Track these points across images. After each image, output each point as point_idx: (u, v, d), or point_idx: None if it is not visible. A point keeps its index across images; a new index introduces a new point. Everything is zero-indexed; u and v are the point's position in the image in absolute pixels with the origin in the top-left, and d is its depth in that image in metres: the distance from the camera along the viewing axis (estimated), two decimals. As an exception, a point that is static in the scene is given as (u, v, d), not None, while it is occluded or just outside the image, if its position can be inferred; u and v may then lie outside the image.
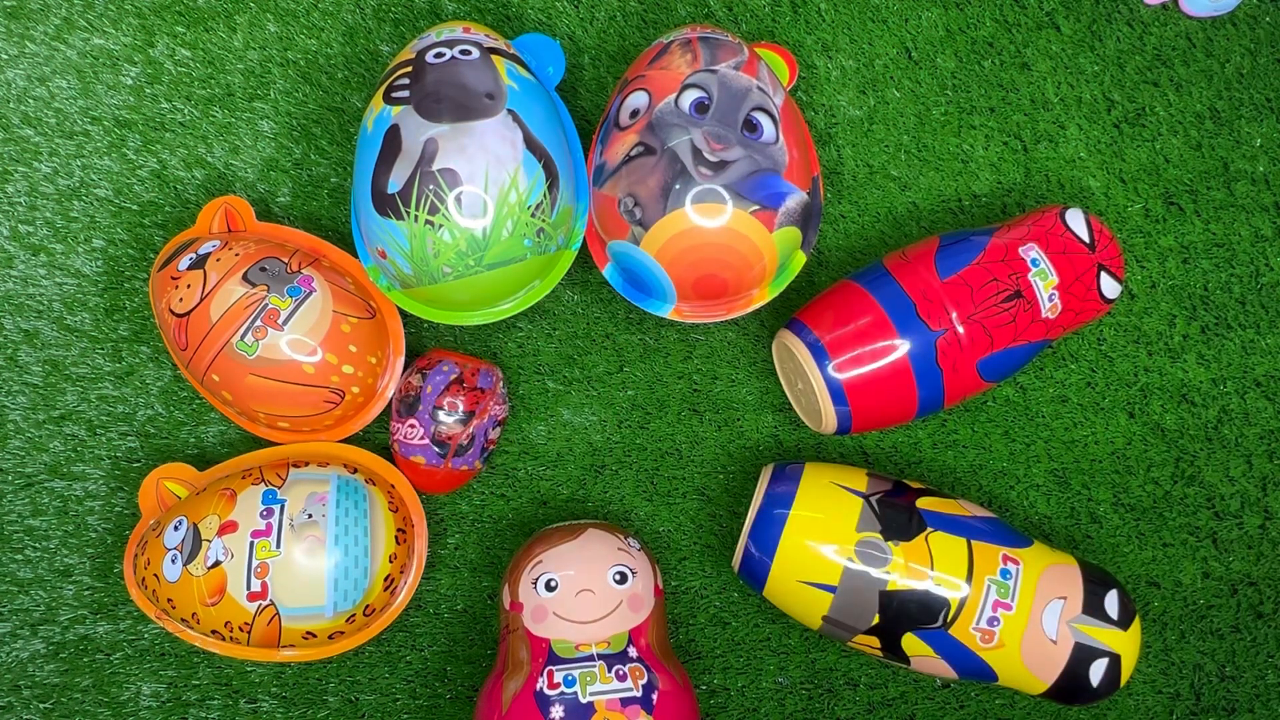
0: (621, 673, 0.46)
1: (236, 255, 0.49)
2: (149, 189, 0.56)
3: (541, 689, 0.45)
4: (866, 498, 0.48)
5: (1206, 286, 0.58)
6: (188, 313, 0.47)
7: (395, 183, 0.45)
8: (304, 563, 0.46)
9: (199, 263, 0.48)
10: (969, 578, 0.46)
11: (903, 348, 0.48)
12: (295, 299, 0.48)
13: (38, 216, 0.55)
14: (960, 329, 0.48)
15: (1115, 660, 0.47)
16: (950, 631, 0.46)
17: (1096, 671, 0.47)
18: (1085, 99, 0.58)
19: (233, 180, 0.56)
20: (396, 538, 0.50)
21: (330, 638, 0.49)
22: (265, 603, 0.46)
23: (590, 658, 0.46)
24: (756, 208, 0.46)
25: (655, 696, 0.45)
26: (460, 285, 0.47)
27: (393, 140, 0.45)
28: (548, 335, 0.56)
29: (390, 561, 0.49)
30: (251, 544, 0.46)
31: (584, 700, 0.45)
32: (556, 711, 0.44)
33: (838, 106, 0.58)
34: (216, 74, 0.56)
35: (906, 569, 0.46)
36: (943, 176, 0.58)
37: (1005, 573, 0.47)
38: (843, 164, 0.58)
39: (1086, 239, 0.50)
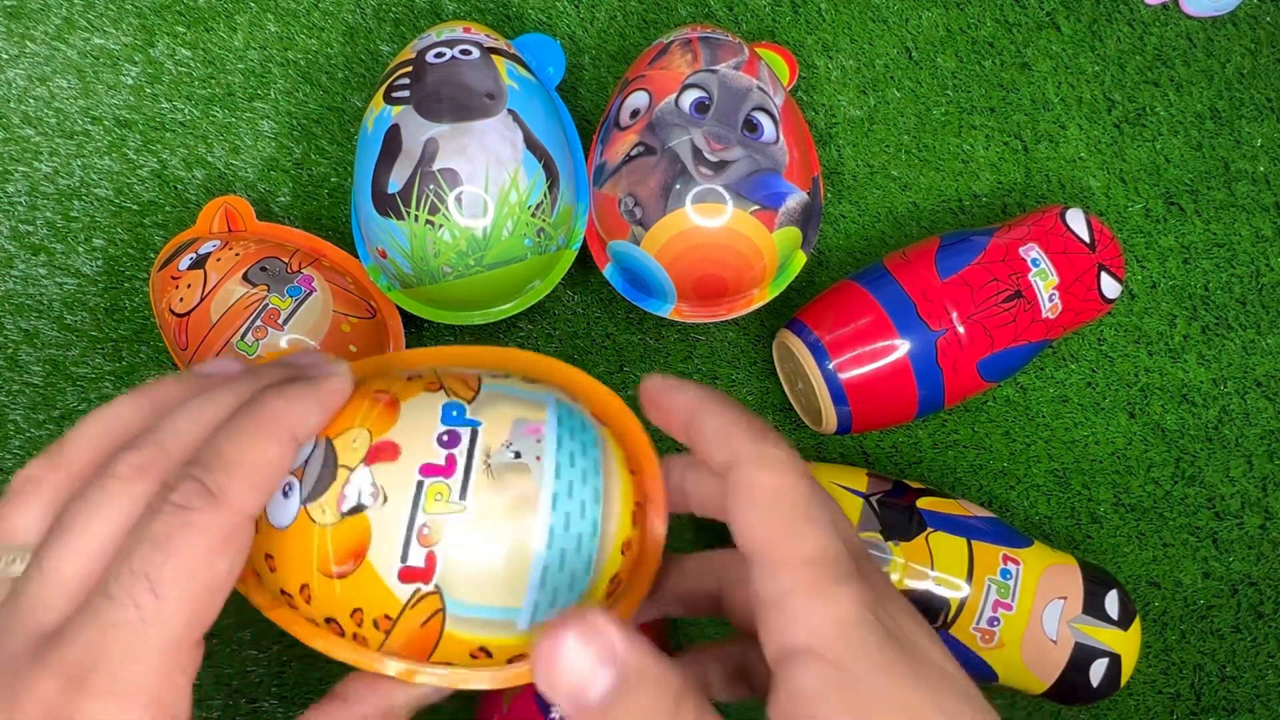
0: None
1: (236, 255, 0.49)
2: (149, 189, 0.56)
3: (542, 689, 0.45)
4: (867, 498, 0.48)
5: (1207, 286, 0.58)
6: (188, 313, 0.47)
7: (395, 183, 0.45)
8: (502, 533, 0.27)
9: (199, 263, 0.48)
10: (969, 578, 0.46)
11: (903, 348, 0.48)
12: (295, 299, 0.48)
13: (38, 216, 0.55)
14: (960, 329, 0.48)
15: (1115, 660, 0.47)
16: (950, 631, 0.46)
17: (1096, 671, 0.47)
18: (1085, 99, 0.58)
19: (233, 180, 0.56)
20: (633, 515, 0.29)
21: (510, 661, 0.28)
22: (428, 588, 0.26)
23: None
24: (757, 208, 0.46)
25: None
26: (460, 285, 0.47)
27: (393, 140, 0.45)
28: (548, 335, 0.56)
29: (623, 553, 0.28)
30: (420, 486, 0.26)
31: (584, 700, 0.44)
32: (557, 711, 0.44)
33: (838, 106, 0.58)
34: (216, 74, 0.56)
35: (907, 569, 0.46)
36: (943, 176, 0.58)
37: (1005, 573, 0.47)
38: (843, 164, 0.58)
39: (1087, 239, 0.50)
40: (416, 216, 0.45)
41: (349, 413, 0.27)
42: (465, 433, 0.27)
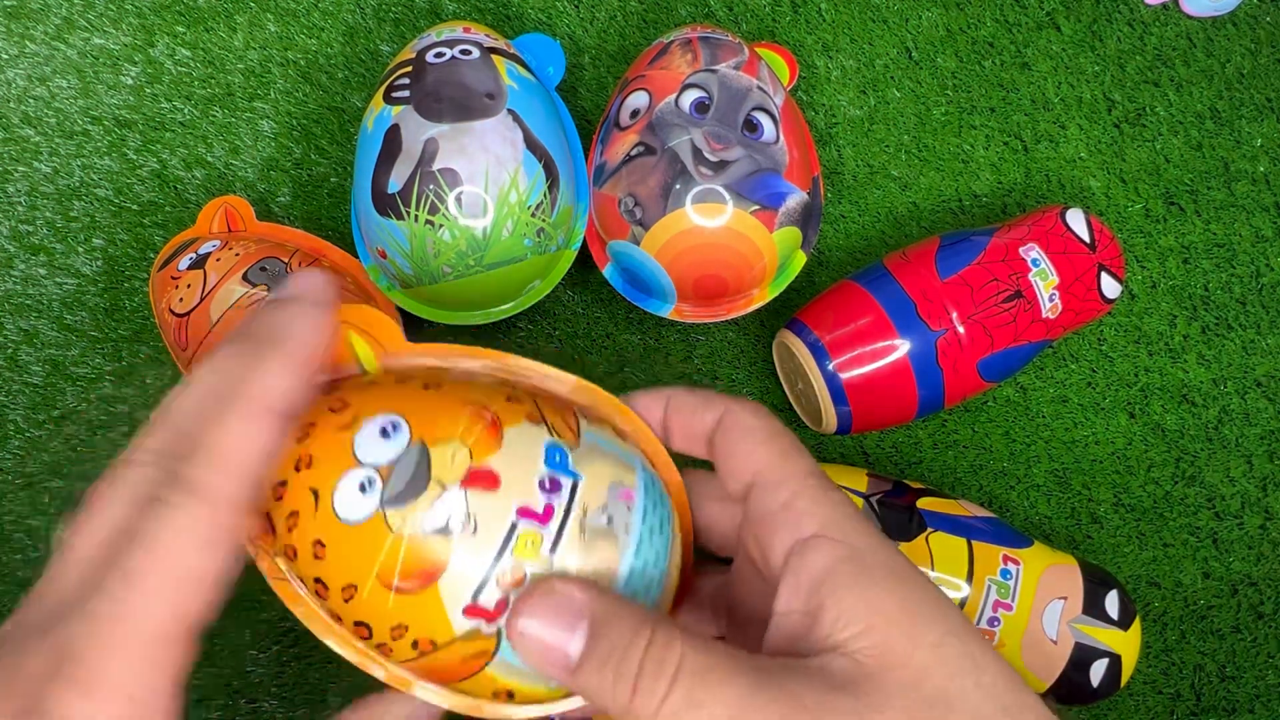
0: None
1: (236, 255, 0.49)
2: (149, 189, 0.56)
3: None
4: (867, 498, 0.48)
5: (1207, 286, 0.58)
6: (188, 313, 0.47)
7: (395, 183, 0.45)
8: None
9: (199, 263, 0.48)
10: (969, 578, 0.46)
11: (903, 348, 0.48)
12: (295, 299, 0.48)
13: (38, 216, 0.55)
14: (960, 329, 0.48)
15: (1115, 660, 0.47)
16: (950, 631, 0.46)
17: (1097, 671, 0.47)
18: (1085, 99, 0.58)
19: (233, 180, 0.56)
20: (676, 595, 0.29)
21: (520, 701, 0.27)
22: (489, 629, 0.24)
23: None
24: (757, 208, 0.46)
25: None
26: (460, 285, 0.47)
27: (393, 140, 0.45)
28: (548, 335, 0.56)
29: None
30: (514, 527, 0.24)
31: (584, 700, 0.44)
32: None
33: (838, 106, 0.58)
34: (216, 74, 0.56)
35: (907, 569, 0.46)
36: (943, 176, 0.58)
37: (1005, 573, 0.47)
38: (843, 164, 0.58)
39: (1087, 239, 0.50)
40: (416, 216, 0.45)
41: (448, 420, 0.25)
42: (567, 483, 0.25)
